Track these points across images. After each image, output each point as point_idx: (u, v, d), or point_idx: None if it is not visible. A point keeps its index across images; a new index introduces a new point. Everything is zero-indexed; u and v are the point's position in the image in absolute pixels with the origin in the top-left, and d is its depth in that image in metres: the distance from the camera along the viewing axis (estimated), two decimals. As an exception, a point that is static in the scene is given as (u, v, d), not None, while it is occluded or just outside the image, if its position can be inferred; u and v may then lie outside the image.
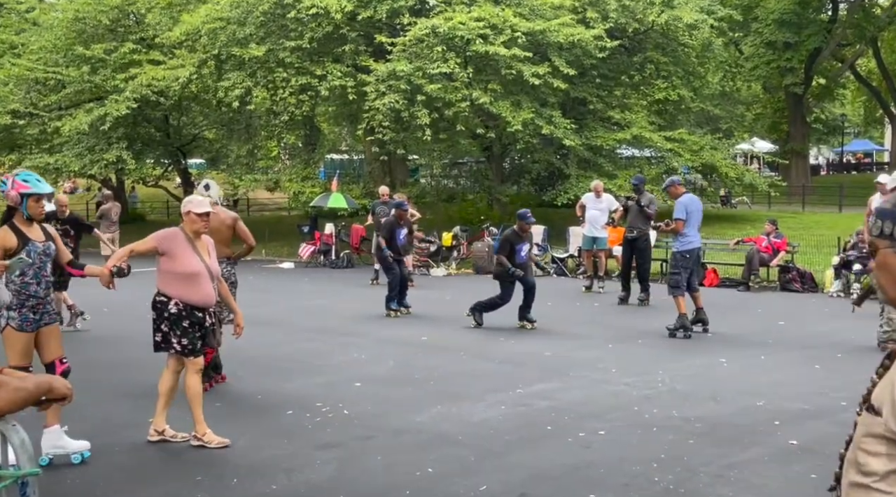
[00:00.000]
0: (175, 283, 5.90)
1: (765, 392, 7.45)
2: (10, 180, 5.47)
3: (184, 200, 6.23)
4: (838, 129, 55.69)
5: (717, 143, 25.86)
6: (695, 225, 10.38)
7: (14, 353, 5.42)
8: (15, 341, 5.42)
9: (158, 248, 5.94)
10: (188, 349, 5.93)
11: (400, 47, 21.13)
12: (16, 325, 5.41)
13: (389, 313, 12.08)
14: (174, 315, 5.88)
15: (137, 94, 23.92)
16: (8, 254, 5.33)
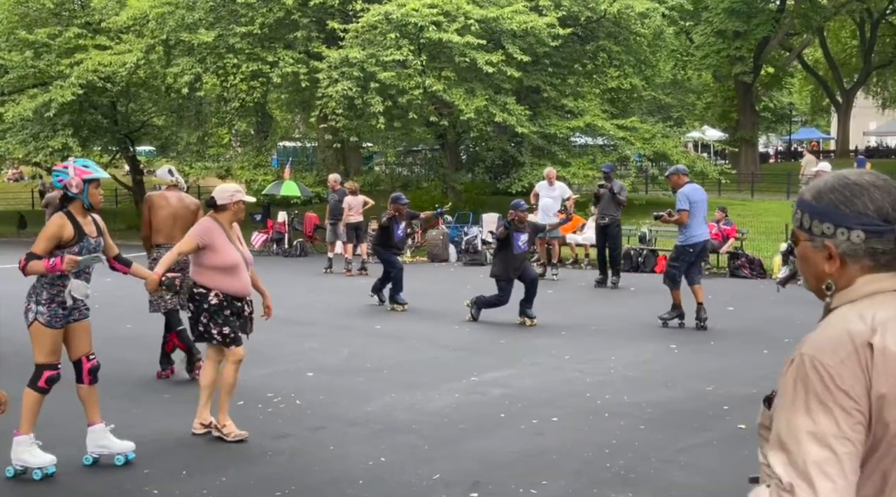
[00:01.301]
0: (215, 274, 5.77)
1: (714, 377, 7.55)
2: (71, 167, 5.20)
3: (222, 189, 5.98)
4: (786, 117, 56.67)
5: (668, 131, 26.14)
6: (700, 216, 9.83)
7: (42, 349, 5.15)
8: (43, 337, 5.13)
9: (200, 244, 5.76)
10: (229, 339, 5.82)
11: (352, 34, 20.97)
12: (44, 321, 5.10)
13: (395, 307, 11.55)
14: (214, 306, 5.77)
15: (83, 79, 23.41)
16: (63, 244, 5.09)
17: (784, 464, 1.57)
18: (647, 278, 14.91)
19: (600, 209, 13.68)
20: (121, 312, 11.52)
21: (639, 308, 11.65)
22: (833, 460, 1.55)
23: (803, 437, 1.57)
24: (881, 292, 1.66)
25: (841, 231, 1.68)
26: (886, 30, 43.33)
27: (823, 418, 1.57)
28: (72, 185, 5.15)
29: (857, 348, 1.59)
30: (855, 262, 1.68)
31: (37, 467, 5.11)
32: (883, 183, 1.69)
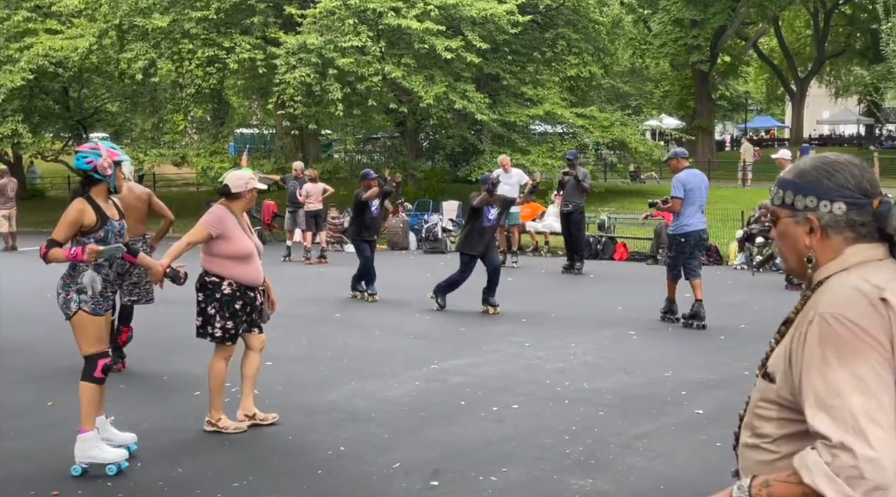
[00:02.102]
0: (228, 263, 5.61)
1: (672, 363, 7.61)
2: (103, 149, 4.97)
3: (237, 176, 5.78)
4: (742, 106, 57.43)
5: (626, 119, 26.29)
6: (696, 204, 9.17)
7: (89, 338, 4.98)
8: (90, 326, 4.96)
9: (212, 233, 5.59)
10: (229, 335, 5.65)
11: (310, 19, 20.74)
12: (89, 309, 4.94)
13: (356, 295, 11.40)
14: (227, 296, 5.60)
15: (33, 64, 22.88)
16: (86, 231, 4.91)
17: (828, 422, 1.59)
18: (606, 265, 15.02)
19: (564, 196, 13.73)
20: (74, 302, 11.31)
21: (598, 295, 11.73)
22: (880, 408, 1.58)
23: (845, 390, 1.59)
24: (868, 261, 1.76)
25: (824, 203, 1.78)
26: (839, 20, 44.04)
27: (861, 368, 1.61)
28: (105, 167, 4.96)
29: (873, 302, 1.66)
30: (837, 234, 1.78)
31: (110, 462, 4.96)
32: (858, 162, 1.83)
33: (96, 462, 4.96)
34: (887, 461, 1.54)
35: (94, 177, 4.98)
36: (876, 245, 1.78)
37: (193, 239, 5.63)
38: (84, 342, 5.01)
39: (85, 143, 22.04)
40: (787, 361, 1.74)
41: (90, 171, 4.97)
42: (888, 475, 1.54)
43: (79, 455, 4.97)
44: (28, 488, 4.77)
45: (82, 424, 5.01)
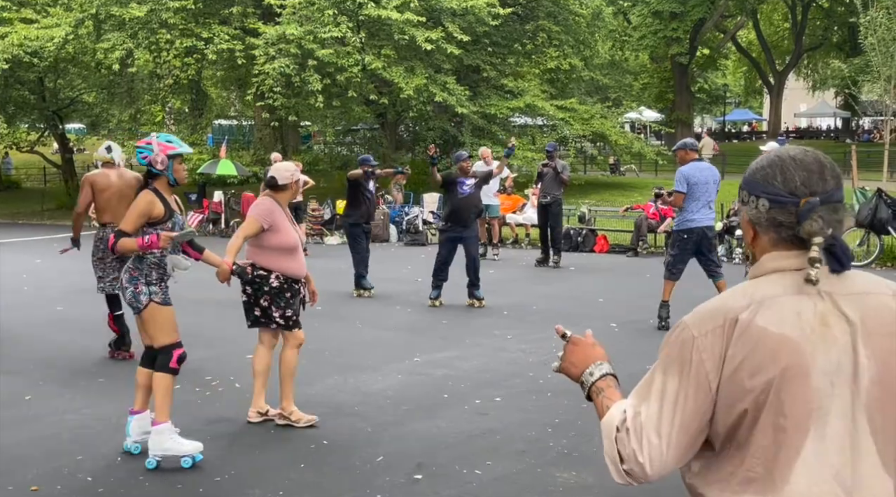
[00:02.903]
0: (276, 256, 5.56)
1: (654, 355, 7.56)
2: (154, 143, 4.97)
3: (283, 168, 5.73)
4: (720, 98, 57.72)
5: (606, 112, 26.37)
6: (701, 199, 8.62)
7: (163, 329, 4.98)
8: (162, 317, 4.99)
9: (264, 225, 5.52)
10: (292, 321, 5.63)
11: (290, 10, 20.61)
12: (160, 300, 4.98)
13: (362, 293, 10.97)
14: (276, 289, 5.56)
15: (8, 54, 22.60)
16: (154, 222, 4.88)
17: (631, 408, 1.74)
18: (586, 257, 15.05)
19: (543, 188, 13.71)
20: (52, 294, 11.20)
21: (579, 287, 11.75)
22: (668, 422, 1.69)
23: (652, 393, 1.72)
24: (781, 270, 1.71)
25: (752, 198, 1.75)
26: (817, 13, 44.33)
27: (673, 383, 1.71)
28: (157, 162, 4.95)
29: (725, 323, 1.68)
30: (764, 234, 1.75)
31: (185, 455, 4.92)
32: (804, 158, 1.72)
33: (171, 454, 4.94)
34: (649, 468, 1.69)
35: (152, 171, 5.01)
36: (797, 253, 1.69)
37: (247, 232, 5.58)
38: (158, 333, 5.02)
39: (63, 133, 21.44)
40: None
41: (147, 166, 5.01)
42: (648, 477, 1.70)
43: (154, 447, 4.93)
44: (6, 483, 4.71)
45: (157, 417, 4.98)
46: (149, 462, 4.91)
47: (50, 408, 6.15)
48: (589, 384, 1.92)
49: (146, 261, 4.98)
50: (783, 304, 1.65)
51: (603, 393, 1.88)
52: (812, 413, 1.62)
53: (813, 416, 1.62)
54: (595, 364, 1.96)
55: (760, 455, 1.64)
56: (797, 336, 1.63)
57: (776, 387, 1.62)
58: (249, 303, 5.66)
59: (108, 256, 7.51)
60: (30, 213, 26.95)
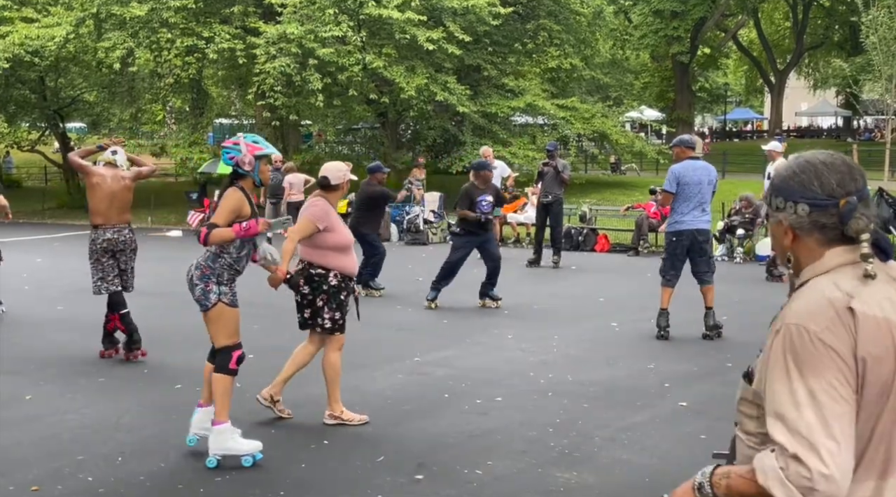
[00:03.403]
0: (334, 255, 5.58)
1: (655, 355, 7.63)
2: (242, 144, 4.99)
3: (334, 168, 5.73)
4: (721, 97, 57.71)
5: (607, 111, 26.35)
6: (693, 200, 8.08)
7: (226, 330, 5.00)
8: (228, 318, 5.00)
9: (319, 226, 5.52)
10: (338, 325, 5.65)
11: (290, 9, 20.61)
12: (228, 301, 5.00)
13: (372, 293, 10.85)
14: (334, 288, 5.58)
15: (9, 53, 22.58)
16: (240, 220, 4.89)
17: (785, 432, 1.64)
18: (587, 257, 15.05)
19: (543, 187, 13.68)
20: (51, 293, 11.20)
21: (580, 287, 11.74)
22: (832, 421, 1.62)
23: (801, 402, 1.64)
24: (844, 264, 1.76)
25: (789, 205, 1.80)
26: (818, 12, 44.31)
27: (816, 383, 1.64)
28: (244, 162, 4.98)
29: (839, 313, 1.67)
30: (807, 236, 1.79)
31: (245, 454, 4.94)
32: (833, 161, 1.81)
33: (231, 453, 4.95)
34: (839, 475, 1.59)
35: (238, 171, 5.03)
36: (847, 248, 1.76)
37: (302, 234, 5.56)
38: (220, 334, 5.03)
39: (64, 132, 21.45)
40: (763, 364, 1.79)
41: (233, 166, 5.03)
42: (839, 489, 1.59)
43: (214, 447, 4.94)
44: (7, 484, 4.71)
45: (217, 416, 4.99)
46: (209, 461, 4.94)
47: (50, 408, 6.15)
48: (709, 477, 1.82)
49: (220, 261, 5.00)
50: (872, 292, 1.70)
51: (729, 472, 1.79)
52: None
53: None
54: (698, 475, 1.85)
55: (885, 441, 1.68)
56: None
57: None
58: (303, 303, 5.65)
59: (103, 258, 7.52)
60: (30, 212, 26.94)
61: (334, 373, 5.74)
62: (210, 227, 4.84)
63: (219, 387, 5.02)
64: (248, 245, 5.10)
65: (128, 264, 7.63)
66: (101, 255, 7.48)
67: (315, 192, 5.77)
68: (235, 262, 5.04)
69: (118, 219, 7.55)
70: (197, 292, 5.00)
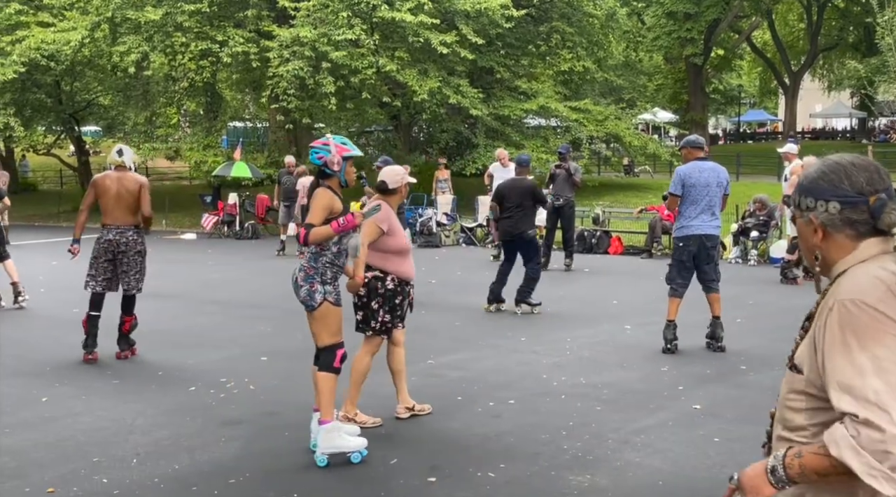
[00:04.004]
0: (393, 258, 5.65)
1: (668, 358, 7.60)
2: (332, 144, 5.06)
3: (392, 172, 5.79)
4: (735, 99, 57.49)
5: (620, 113, 26.28)
6: (701, 203, 7.66)
7: (330, 329, 5.07)
8: (332, 317, 5.06)
9: (383, 228, 5.58)
10: (385, 328, 5.70)
11: (304, 12, 20.67)
12: (333, 300, 5.05)
13: None
14: (390, 291, 5.63)
15: (25, 57, 22.76)
16: (331, 219, 4.93)
17: (852, 401, 1.68)
18: (600, 259, 15.01)
19: (555, 190, 13.65)
20: (66, 296, 11.26)
21: (592, 289, 11.72)
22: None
23: (867, 371, 1.69)
24: (885, 252, 1.85)
25: (820, 203, 1.89)
26: (832, 13, 44.07)
27: (880, 350, 1.71)
28: (333, 163, 5.05)
29: (892, 287, 1.77)
30: (838, 232, 1.88)
31: (353, 451, 5.02)
32: (861, 161, 1.91)
33: (340, 451, 5.02)
34: None
35: (325, 171, 5.09)
36: (879, 240, 1.86)
37: (370, 238, 5.57)
38: (325, 333, 5.08)
39: (79, 136, 21.59)
40: (812, 350, 1.84)
41: (321, 166, 5.08)
42: None
43: (323, 445, 5.01)
44: (23, 485, 4.74)
45: (323, 415, 5.05)
46: (319, 459, 5.00)
47: (65, 409, 6.19)
48: (781, 460, 1.82)
49: (322, 259, 5.05)
50: None
51: (801, 451, 1.80)
52: None
53: None
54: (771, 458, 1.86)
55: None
56: None
57: None
58: (358, 305, 5.69)
59: (101, 257, 7.60)
60: (46, 215, 27.14)
61: (359, 374, 5.78)
62: (307, 227, 4.90)
63: (324, 386, 5.09)
64: (345, 241, 5.14)
65: (130, 266, 7.66)
66: (99, 254, 7.61)
67: (374, 196, 5.78)
68: (335, 258, 5.09)
69: (123, 220, 7.62)
70: (302, 293, 5.06)
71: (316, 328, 5.09)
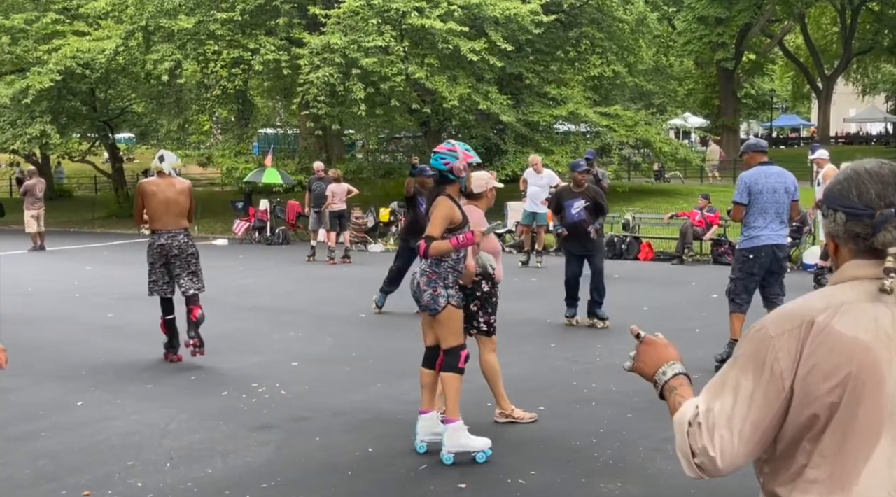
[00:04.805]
0: None
1: (700, 364, 7.53)
2: (459, 151, 5.15)
3: (478, 177, 5.86)
4: (767, 104, 56.91)
5: (650, 118, 26.15)
6: (770, 211, 7.18)
7: (455, 331, 5.22)
8: (456, 319, 5.22)
9: (482, 231, 5.66)
10: (493, 328, 5.83)
11: (334, 20, 20.81)
12: (455, 303, 5.21)
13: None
14: (486, 293, 5.76)
15: (61, 66, 23.13)
16: (452, 227, 5.05)
17: (703, 404, 1.77)
18: (630, 265, 14.94)
19: None
20: (101, 301, 11.42)
21: (623, 295, 11.66)
22: (740, 417, 1.72)
23: (726, 389, 1.76)
24: (860, 278, 1.75)
25: (830, 212, 1.80)
26: (867, 17, 43.50)
27: (747, 380, 1.74)
28: (460, 169, 5.14)
29: (802, 324, 1.71)
30: (844, 245, 1.79)
31: (479, 450, 5.16)
32: (880, 170, 1.76)
33: (465, 450, 5.14)
34: (721, 462, 1.72)
35: (448, 177, 5.16)
36: (875, 262, 1.71)
37: (480, 238, 5.62)
38: (450, 335, 5.21)
39: (113, 143, 21.94)
40: None
41: (446, 171, 5.15)
42: (719, 471, 1.74)
43: (450, 444, 5.12)
44: (59, 488, 4.81)
45: (449, 414, 5.18)
46: (446, 458, 5.11)
47: (100, 413, 6.27)
48: (662, 383, 1.97)
49: (444, 264, 5.14)
50: (861, 310, 1.69)
51: (676, 391, 1.92)
52: (885, 420, 1.66)
53: (886, 423, 1.67)
54: (668, 363, 2.00)
55: (828, 457, 1.69)
56: (873, 342, 1.67)
57: (850, 391, 1.66)
58: None
59: (156, 262, 7.72)
60: (81, 221, 27.52)
61: (493, 372, 5.88)
62: (428, 239, 4.98)
63: (451, 386, 5.21)
64: (464, 249, 5.25)
65: (184, 268, 7.82)
66: (154, 259, 7.75)
67: (464, 202, 5.79)
68: (456, 264, 5.20)
69: (173, 224, 7.76)
70: (426, 297, 5.15)
71: (440, 331, 5.22)
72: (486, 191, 5.84)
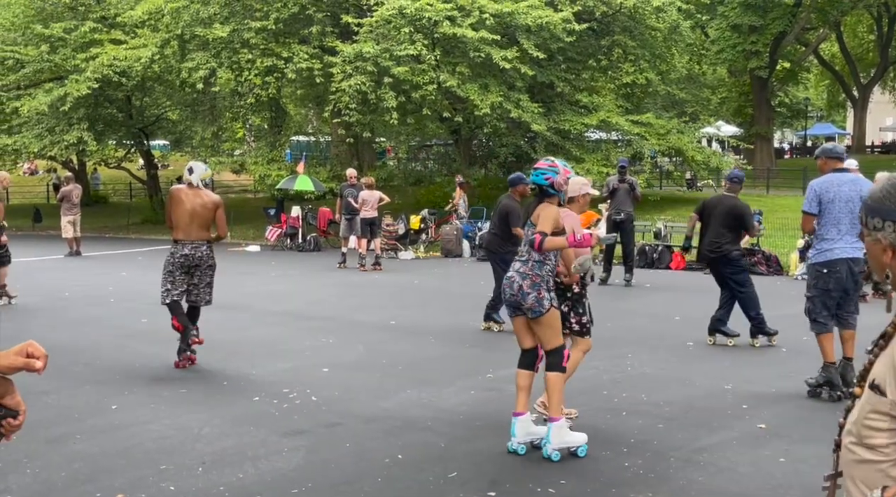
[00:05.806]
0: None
1: (731, 376, 7.49)
2: (560, 167, 5.46)
3: (573, 181, 5.97)
4: (802, 112, 56.29)
5: (683, 126, 25.98)
6: (844, 221, 6.63)
7: (557, 332, 5.42)
8: (557, 321, 5.44)
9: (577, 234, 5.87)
10: (586, 329, 6.05)
11: (367, 28, 20.95)
12: (556, 305, 5.44)
13: (491, 326, 9.86)
14: (577, 295, 5.98)
15: (98, 74, 23.49)
16: (556, 233, 5.26)
17: None
18: (661, 275, 14.85)
19: (615, 204, 13.54)
20: (136, 306, 11.56)
21: (654, 305, 11.59)
22: None
23: None
24: None
25: (888, 224, 1.85)
26: (904, 25, 42.91)
27: None
28: (561, 184, 5.43)
29: None
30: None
31: (581, 445, 5.36)
32: None
33: (568, 446, 5.33)
34: None
35: (549, 191, 5.42)
36: None
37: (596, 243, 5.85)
38: (553, 336, 5.40)
39: (148, 150, 22.22)
40: (893, 372, 1.81)
41: (546, 186, 5.41)
42: None
43: (556, 441, 5.31)
44: (94, 490, 4.88)
45: (554, 413, 5.37)
46: (554, 455, 5.27)
47: (134, 417, 6.35)
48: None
49: (545, 268, 5.36)
50: None
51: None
52: None
53: None
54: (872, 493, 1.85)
55: None
56: None
57: None
58: None
59: (177, 271, 7.82)
60: (116, 227, 27.90)
61: (569, 369, 5.91)
62: (542, 234, 5.16)
63: (555, 385, 5.38)
64: (559, 254, 5.49)
65: (202, 279, 7.96)
66: (175, 268, 7.83)
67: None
68: (553, 268, 5.42)
69: (197, 235, 7.84)
70: (530, 300, 5.31)
71: (543, 332, 5.38)
72: (579, 196, 6.02)
